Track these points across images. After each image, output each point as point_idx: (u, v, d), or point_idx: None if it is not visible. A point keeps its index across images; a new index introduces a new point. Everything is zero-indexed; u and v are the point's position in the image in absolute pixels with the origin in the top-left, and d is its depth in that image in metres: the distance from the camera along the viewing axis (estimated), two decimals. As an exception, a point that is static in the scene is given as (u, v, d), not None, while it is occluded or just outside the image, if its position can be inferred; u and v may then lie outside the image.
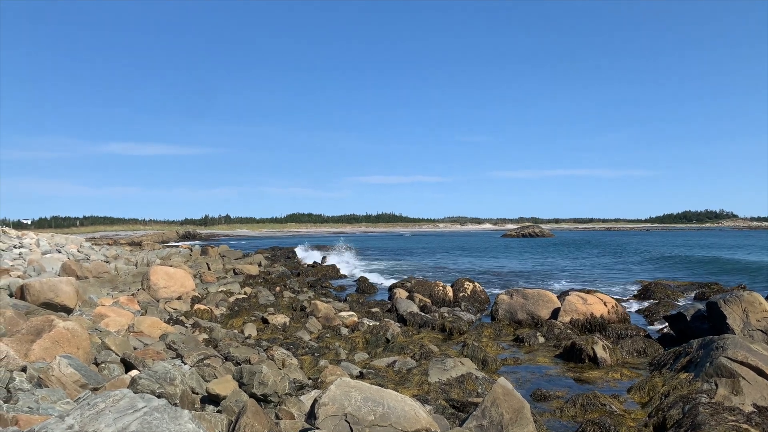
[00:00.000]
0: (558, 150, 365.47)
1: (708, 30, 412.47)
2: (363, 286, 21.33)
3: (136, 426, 2.88)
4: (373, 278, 24.92)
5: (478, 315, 15.15)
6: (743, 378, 7.07)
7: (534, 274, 27.55)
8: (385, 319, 13.28)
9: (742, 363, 7.27)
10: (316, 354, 10.09)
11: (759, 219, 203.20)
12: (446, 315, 14.06)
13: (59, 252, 26.13)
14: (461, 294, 17.34)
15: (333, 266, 30.56)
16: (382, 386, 5.97)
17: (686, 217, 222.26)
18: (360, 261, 37.36)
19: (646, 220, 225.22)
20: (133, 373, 6.47)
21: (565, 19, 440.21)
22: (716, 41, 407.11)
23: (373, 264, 35.19)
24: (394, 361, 9.51)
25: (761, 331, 10.00)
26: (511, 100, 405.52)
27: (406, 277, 21.84)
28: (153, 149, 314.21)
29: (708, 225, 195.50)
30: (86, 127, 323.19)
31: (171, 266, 18.67)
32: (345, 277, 27.17)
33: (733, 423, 5.94)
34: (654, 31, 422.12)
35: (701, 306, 11.77)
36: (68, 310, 10.47)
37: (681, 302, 16.40)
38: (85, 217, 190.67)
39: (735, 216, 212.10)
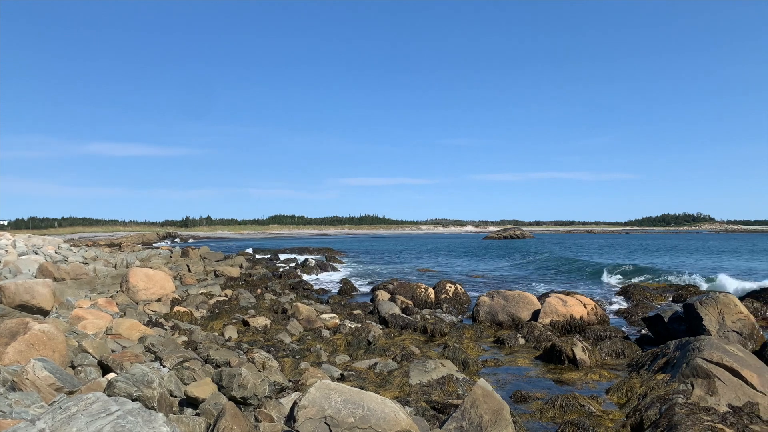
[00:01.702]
0: (540, 153, 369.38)
1: (687, 35, 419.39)
2: (345, 288, 21.28)
3: (108, 430, 2.84)
4: (356, 280, 24.89)
5: (460, 317, 15.19)
6: (719, 378, 7.19)
7: (515, 275, 27.74)
8: (367, 321, 13.26)
9: (717, 364, 7.38)
10: (297, 356, 10.05)
11: (735, 222, 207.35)
12: (428, 317, 14.09)
13: (36, 253, 25.69)
14: (443, 296, 17.38)
15: (315, 268, 30.49)
16: (363, 388, 5.97)
17: (665, 220, 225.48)
18: (343, 263, 37.29)
19: (625, 223, 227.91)
20: (111, 376, 6.38)
21: (547, 22, 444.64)
22: (695, 47, 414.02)
23: (356, 266, 35.15)
24: (376, 363, 9.50)
25: (736, 332, 10.18)
26: (494, 104, 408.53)
27: (388, 279, 21.83)
28: (134, 150, 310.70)
29: (686, 228, 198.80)
30: (66, 127, 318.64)
31: (151, 268, 18.47)
32: (326, 278, 27.10)
33: (709, 423, 6.03)
34: (634, 36, 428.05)
35: (678, 308, 11.93)
36: (44, 313, 10.30)
37: (659, 304, 16.61)
38: (63, 218, 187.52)
39: (712, 219, 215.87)
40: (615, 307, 16.66)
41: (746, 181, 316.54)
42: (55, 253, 27.93)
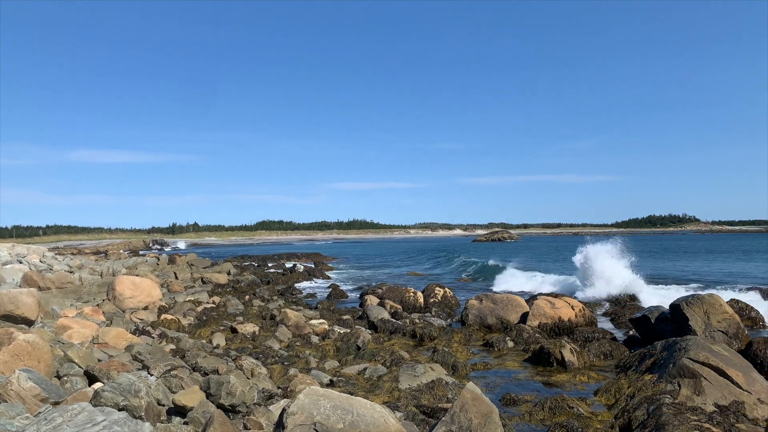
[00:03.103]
0: (527, 156, 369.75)
1: (670, 38, 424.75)
2: (334, 293, 21.25)
3: (95, 440, 2.81)
4: (345, 285, 24.87)
5: (449, 320, 15.22)
6: (705, 378, 7.25)
7: (504, 277, 27.78)
8: (356, 327, 13.24)
9: (703, 363, 7.46)
10: (285, 363, 10.00)
11: (720, 222, 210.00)
12: (417, 321, 14.09)
13: (20, 262, 25.38)
14: (432, 300, 17.40)
15: (304, 273, 30.41)
16: (352, 394, 5.95)
17: (651, 221, 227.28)
18: (331, 268, 37.21)
19: (612, 225, 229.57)
20: (97, 385, 6.32)
21: (532, 26, 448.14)
22: (678, 50, 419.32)
23: (345, 271, 35.10)
24: (365, 369, 9.49)
25: (722, 332, 10.29)
26: (481, 107, 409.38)
27: (377, 283, 21.82)
28: (119, 156, 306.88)
29: (671, 229, 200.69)
30: (50, 134, 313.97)
31: (137, 276, 18.33)
32: (315, 284, 27.03)
33: (696, 422, 6.09)
34: (619, 39, 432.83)
35: (665, 308, 12.04)
36: (29, 322, 10.18)
37: (645, 305, 16.73)
38: (48, 226, 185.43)
39: (697, 220, 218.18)
40: (603, 308, 16.77)
41: (731, 182, 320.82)
42: (40, 261, 27.62)
